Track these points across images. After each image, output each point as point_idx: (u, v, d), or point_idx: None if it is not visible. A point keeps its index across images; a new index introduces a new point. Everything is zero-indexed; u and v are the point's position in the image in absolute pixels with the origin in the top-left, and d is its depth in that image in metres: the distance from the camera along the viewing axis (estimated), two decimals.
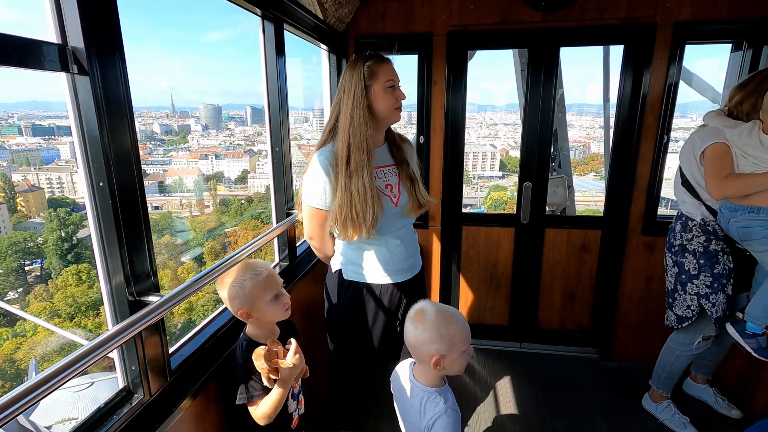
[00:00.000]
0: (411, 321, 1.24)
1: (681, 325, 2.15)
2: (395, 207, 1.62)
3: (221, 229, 30.20)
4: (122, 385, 1.13)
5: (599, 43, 2.77)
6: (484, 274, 3.02)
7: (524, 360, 2.95)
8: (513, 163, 38.51)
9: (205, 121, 43.83)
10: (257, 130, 42.69)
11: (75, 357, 0.85)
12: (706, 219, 2.02)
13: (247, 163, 36.32)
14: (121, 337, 0.94)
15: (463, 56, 2.71)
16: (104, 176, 0.99)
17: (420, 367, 1.30)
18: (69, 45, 0.92)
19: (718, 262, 2.00)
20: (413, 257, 1.75)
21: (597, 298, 2.90)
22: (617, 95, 2.64)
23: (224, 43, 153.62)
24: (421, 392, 1.28)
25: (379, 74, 1.52)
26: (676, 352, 2.23)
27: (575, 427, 2.33)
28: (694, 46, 2.51)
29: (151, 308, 1.03)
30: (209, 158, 35.92)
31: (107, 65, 0.97)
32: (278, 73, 1.91)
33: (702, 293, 2.04)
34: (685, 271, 2.08)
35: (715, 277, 2.00)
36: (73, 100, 0.95)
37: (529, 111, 2.75)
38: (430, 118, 2.79)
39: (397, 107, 1.57)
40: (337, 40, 2.65)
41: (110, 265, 1.04)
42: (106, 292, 1.07)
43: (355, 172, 1.50)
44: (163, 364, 1.18)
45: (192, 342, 1.39)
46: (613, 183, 2.74)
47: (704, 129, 1.99)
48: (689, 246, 2.06)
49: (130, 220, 1.05)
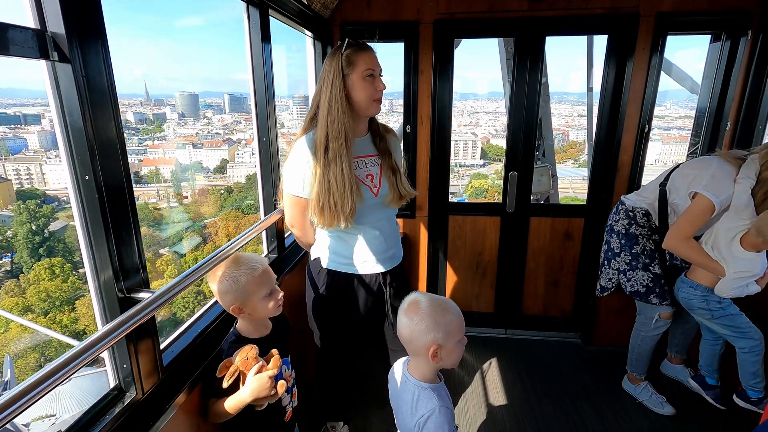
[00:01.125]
0: (405, 313, 1.22)
1: (602, 294, 2.40)
2: (375, 197, 1.60)
3: (202, 221, 29.65)
4: (113, 384, 1.10)
5: (584, 32, 2.80)
6: (471, 263, 3.05)
7: (510, 346, 3.01)
8: (494, 151, 38.84)
9: (181, 109, 42.62)
10: (236, 119, 41.78)
11: (65, 359, 0.81)
12: (634, 207, 2.21)
13: (226, 152, 35.56)
14: (113, 337, 0.91)
15: (449, 45, 2.70)
16: (89, 169, 0.94)
17: (414, 361, 1.27)
18: (48, 30, 0.87)
19: (638, 243, 2.20)
20: (393, 248, 1.72)
21: (579, 285, 2.97)
22: (601, 85, 2.68)
23: (200, 28, 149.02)
24: (413, 387, 1.25)
25: (358, 63, 1.48)
26: (641, 334, 2.34)
27: (560, 410, 2.40)
28: (675, 37, 2.54)
29: (143, 305, 1.00)
30: (186, 147, 35.02)
31: (89, 52, 0.92)
32: (264, 61, 1.86)
33: (621, 269, 2.26)
34: (610, 249, 2.31)
35: (634, 256, 2.21)
36: (54, 89, 0.91)
37: (515, 100, 2.76)
38: (417, 108, 2.77)
39: (375, 98, 1.53)
40: (322, 26, 2.60)
41: (98, 261, 1.01)
42: (94, 289, 1.03)
43: (333, 161, 1.48)
44: (155, 362, 1.16)
45: (183, 338, 1.37)
46: (595, 172, 2.79)
47: (726, 169, 1.91)
48: (615, 227, 2.27)
49: (117, 214, 1.01)
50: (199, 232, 28.76)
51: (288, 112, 41.36)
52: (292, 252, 2.19)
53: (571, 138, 37.35)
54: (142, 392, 1.12)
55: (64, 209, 32.70)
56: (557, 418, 2.34)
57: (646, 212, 2.19)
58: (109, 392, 1.09)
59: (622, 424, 2.28)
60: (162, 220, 29.18)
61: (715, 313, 2.08)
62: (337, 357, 1.89)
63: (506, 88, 3.66)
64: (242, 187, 33.15)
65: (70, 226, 30.36)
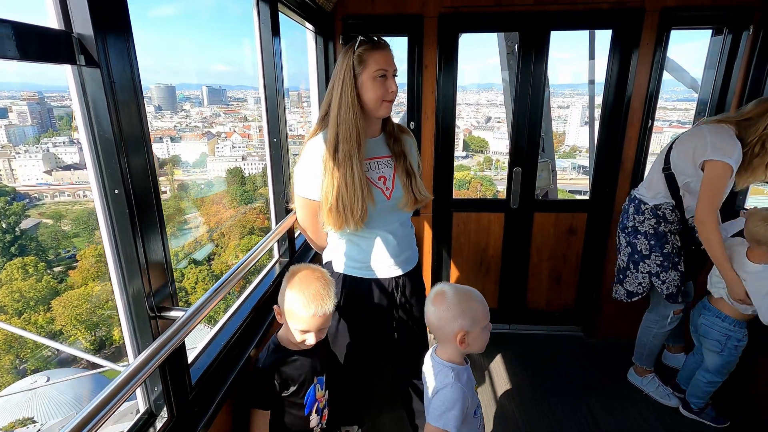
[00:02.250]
0: (432, 302, 1.27)
1: (630, 300, 2.32)
2: (387, 200, 1.55)
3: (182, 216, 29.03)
4: (144, 408, 1.04)
5: (589, 27, 2.79)
6: (475, 259, 3.04)
7: (514, 341, 3.03)
8: (476, 143, 39.11)
9: (157, 101, 41.41)
10: (215, 111, 40.87)
11: (103, 399, 0.74)
12: (659, 204, 2.13)
13: (206, 146, 34.79)
14: (150, 366, 0.85)
15: (454, 39, 2.65)
16: (119, 183, 0.88)
17: (442, 347, 1.31)
18: (74, 32, 0.79)
19: (668, 242, 2.15)
20: (407, 251, 1.65)
21: (582, 279, 3.00)
22: (605, 79, 2.68)
23: (176, 18, 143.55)
24: (438, 365, 1.30)
25: (369, 62, 1.42)
26: (653, 330, 2.35)
27: (567, 402, 2.42)
28: (674, 32, 2.56)
29: (177, 327, 0.94)
30: (164, 141, 34.11)
31: (118, 55, 0.85)
32: (274, 56, 1.78)
33: (653, 272, 2.19)
34: (637, 252, 2.22)
35: (665, 256, 2.16)
36: (80, 97, 0.83)
37: (519, 95, 2.74)
38: (421, 103, 2.73)
39: (386, 99, 1.46)
40: (324, 20, 2.51)
41: (127, 278, 0.94)
42: (123, 308, 0.97)
43: (343, 162, 1.43)
44: (184, 381, 1.10)
45: (208, 350, 1.31)
46: (599, 166, 2.81)
47: (720, 131, 1.92)
48: (641, 228, 2.19)
49: (147, 229, 0.94)
50: (179, 228, 28.20)
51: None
52: (303, 254, 2.13)
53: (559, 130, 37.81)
54: (173, 414, 1.06)
55: (36, 206, 31.55)
56: (565, 411, 2.36)
57: (673, 207, 2.12)
58: (140, 417, 1.02)
59: (629, 415, 2.32)
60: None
61: (728, 347, 2.07)
62: (350, 360, 1.86)
63: (506, 81, 3.64)
64: (222, 182, 32.59)
65: (42, 224, 29.34)
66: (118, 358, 19.01)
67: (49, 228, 29.18)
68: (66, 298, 21.61)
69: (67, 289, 22.85)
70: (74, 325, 21.16)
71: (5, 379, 18.63)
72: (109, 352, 21.00)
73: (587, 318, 3.04)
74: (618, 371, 2.64)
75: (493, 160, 40.30)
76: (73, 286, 22.89)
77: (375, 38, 1.47)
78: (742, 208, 2.63)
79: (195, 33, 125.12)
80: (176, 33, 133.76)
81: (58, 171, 34.01)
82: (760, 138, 1.87)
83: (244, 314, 1.53)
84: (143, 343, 0.98)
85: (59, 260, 26.41)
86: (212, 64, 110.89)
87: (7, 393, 12.74)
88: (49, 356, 20.42)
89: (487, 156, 40.86)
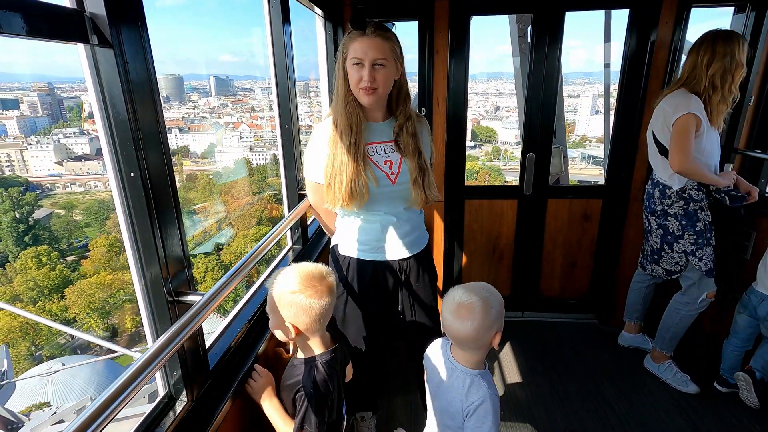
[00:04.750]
0: (461, 318, 1.19)
1: (670, 278, 2.36)
2: (392, 185, 1.56)
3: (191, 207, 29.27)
4: (163, 392, 1.04)
5: (605, 6, 2.71)
6: (487, 247, 3.02)
7: (527, 328, 3.01)
8: (484, 133, 38.74)
9: (165, 92, 41.53)
10: (222, 102, 40.88)
11: (123, 382, 0.73)
12: (683, 187, 2.15)
13: (214, 136, 34.89)
14: (169, 350, 0.83)
15: (466, 23, 2.59)
16: (135, 166, 0.87)
17: (469, 352, 1.26)
18: (87, 11, 0.78)
19: (699, 219, 2.17)
20: (413, 234, 1.67)
21: (597, 266, 2.97)
22: (621, 61, 2.61)
23: (182, 8, 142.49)
24: (464, 375, 1.26)
25: (349, 50, 1.44)
26: (681, 313, 2.32)
27: (583, 390, 2.41)
28: (696, 11, 2.47)
29: (195, 311, 0.93)
30: (173, 132, 34.25)
31: (131, 35, 0.83)
32: (284, 44, 1.75)
33: (689, 250, 2.21)
34: (670, 233, 2.25)
35: (699, 234, 2.17)
36: (94, 77, 0.82)
37: (533, 80, 2.68)
38: (432, 89, 2.69)
39: (361, 87, 1.44)
40: (333, 4, 2.47)
41: (145, 262, 0.94)
42: (142, 293, 0.96)
43: (339, 144, 1.50)
44: (202, 364, 1.10)
45: (226, 334, 1.31)
46: (615, 151, 2.75)
47: (673, 96, 2.08)
48: (670, 210, 2.22)
49: (163, 212, 0.94)
50: (189, 219, 28.46)
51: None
52: (316, 242, 2.13)
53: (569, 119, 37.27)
54: (192, 398, 1.06)
55: (48, 197, 32.01)
56: (581, 399, 2.35)
57: (698, 185, 2.14)
58: (160, 400, 1.03)
59: (646, 403, 2.30)
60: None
61: None
62: (359, 344, 1.86)
63: (517, 68, 3.56)
64: (231, 172, 32.74)
65: (55, 214, 29.79)
66: (131, 346, 19.40)
67: (62, 218, 29.64)
68: (79, 286, 22.03)
69: (80, 278, 23.27)
70: (87, 313, 21.60)
71: (22, 365, 19.12)
72: (121, 340, 21.42)
73: (602, 305, 3.01)
74: (633, 358, 2.62)
75: (501, 150, 39.91)
76: (86, 275, 23.30)
77: (366, 25, 1.44)
78: (765, 192, 2.57)
79: (202, 23, 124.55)
80: (184, 23, 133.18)
81: (69, 162, 34.40)
82: (708, 83, 2.02)
83: (258, 302, 1.53)
84: (162, 327, 0.98)
85: (72, 250, 26.86)
86: (220, 54, 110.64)
87: (25, 377, 13.07)
88: (63, 343, 20.90)
89: (496, 146, 40.45)
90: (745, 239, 2.51)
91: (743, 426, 2.14)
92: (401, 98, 1.55)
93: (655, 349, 2.47)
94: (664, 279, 2.40)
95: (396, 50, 1.46)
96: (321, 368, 1.16)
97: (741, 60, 2.00)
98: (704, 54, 2.01)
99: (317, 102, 2.71)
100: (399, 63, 1.49)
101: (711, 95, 2.05)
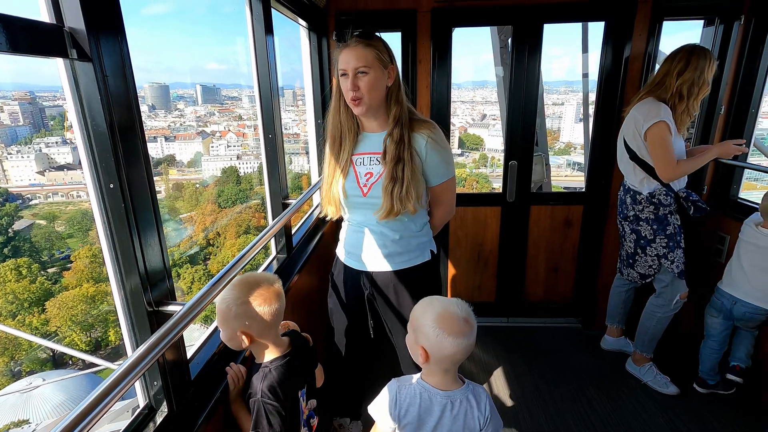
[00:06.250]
0: (462, 335, 1.11)
1: (644, 282, 2.44)
2: (362, 197, 1.58)
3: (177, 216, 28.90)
4: (143, 403, 1.04)
5: (582, 19, 2.79)
6: (472, 254, 3.05)
7: (512, 334, 3.04)
8: (471, 140, 39.11)
9: (151, 101, 41.09)
10: (209, 110, 40.62)
11: (100, 394, 0.72)
12: (653, 192, 2.23)
13: (201, 145, 34.58)
14: (149, 360, 0.82)
15: (448, 34, 2.65)
16: (115, 177, 0.87)
17: (446, 376, 1.19)
18: (66, 25, 0.79)
19: (669, 223, 2.25)
20: (385, 250, 1.60)
21: (579, 271, 3.02)
22: (598, 72, 2.69)
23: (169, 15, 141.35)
24: (463, 397, 1.19)
25: (336, 62, 1.49)
26: (658, 315, 2.39)
27: (568, 393, 2.44)
28: (668, 23, 2.56)
29: (175, 321, 0.93)
30: (158, 140, 33.87)
31: (110, 49, 0.84)
32: (267, 54, 1.77)
33: (661, 254, 2.29)
34: (642, 237, 2.33)
35: (669, 237, 2.26)
36: (74, 91, 0.83)
37: (513, 89, 2.74)
38: (416, 98, 2.73)
39: (349, 98, 1.45)
40: (317, 16, 2.50)
41: (125, 272, 0.94)
42: (121, 302, 0.96)
43: (328, 155, 1.63)
44: (183, 375, 1.10)
45: (208, 344, 1.31)
46: (594, 159, 2.82)
47: (643, 104, 2.16)
48: (641, 215, 2.30)
49: (143, 222, 0.94)
50: (175, 228, 28.07)
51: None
52: (301, 250, 2.13)
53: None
54: (173, 408, 1.06)
55: (29, 207, 31.28)
56: (565, 401, 2.38)
57: (666, 191, 2.21)
58: (140, 411, 1.02)
59: (628, 405, 2.34)
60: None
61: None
62: (344, 349, 1.86)
63: (500, 75, 3.64)
64: (218, 181, 32.43)
65: (36, 225, 29.11)
66: (115, 359, 18.93)
67: (43, 229, 28.96)
68: (60, 299, 21.48)
69: (62, 290, 22.71)
70: (69, 326, 21.05)
71: (0, 382, 18.51)
72: (105, 353, 20.91)
73: (585, 309, 3.06)
74: (616, 361, 2.66)
75: (488, 158, 40.32)
76: (68, 287, 22.75)
77: (349, 36, 1.49)
78: (737, 197, 2.66)
79: (189, 30, 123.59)
80: (169, 31, 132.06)
81: (51, 171, 33.71)
82: (675, 92, 2.12)
83: None
84: (142, 338, 0.98)
85: (53, 261, 26.23)
86: (206, 62, 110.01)
87: (3, 393, 12.66)
88: (44, 357, 20.31)
89: (483, 153, 40.85)
90: (719, 243, 2.59)
91: (722, 426, 2.19)
92: (391, 104, 1.50)
93: (636, 351, 2.52)
94: (639, 282, 2.46)
95: (381, 56, 1.44)
96: (272, 373, 1.16)
97: (708, 78, 2.10)
98: (678, 63, 2.10)
99: (305, 110, 2.73)
100: (388, 69, 1.47)
101: (677, 103, 2.14)
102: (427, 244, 1.67)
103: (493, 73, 3.84)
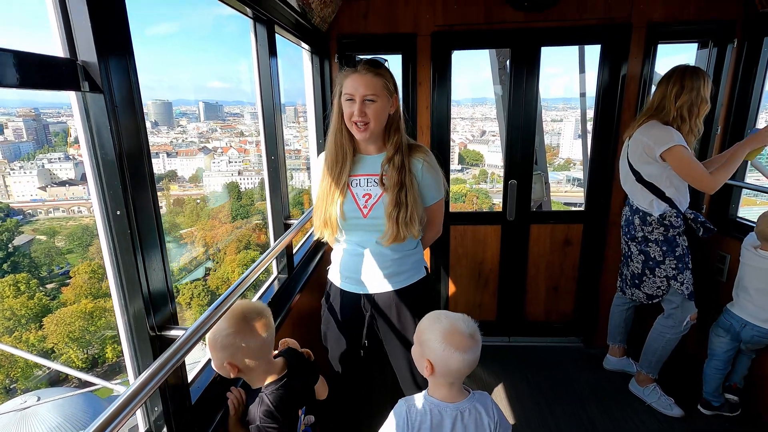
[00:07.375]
0: (468, 351, 1.14)
1: (651, 302, 2.40)
2: (363, 218, 1.58)
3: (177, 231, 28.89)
4: (144, 429, 1.04)
5: (578, 42, 2.85)
6: (473, 272, 3.05)
7: (514, 353, 3.02)
8: (471, 156, 39.35)
9: (154, 117, 41.53)
10: (211, 127, 41.00)
11: (103, 421, 0.72)
12: (663, 213, 2.22)
13: (202, 161, 34.81)
14: (151, 386, 0.84)
15: (447, 56, 2.70)
16: (122, 203, 0.89)
17: (452, 389, 1.21)
18: (79, 59, 0.82)
19: (678, 245, 2.24)
20: (384, 271, 1.62)
21: (580, 289, 3.02)
22: (595, 93, 2.74)
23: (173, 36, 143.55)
24: (471, 406, 1.22)
25: (342, 87, 1.50)
26: (667, 336, 2.36)
27: (571, 413, 2.42)
28: (663, 46, 2.62)
29: (177, 346, 0.94)
30: (161, 156, 34.10)
31: (121, 80, 0.87)
32: (271, 77, 1.81)
33: (671, 275, 2.26)
34: (651, 258, 2.30)
35: (678, 258, 2.24)
36: (84, 122, 0.85)
37: (512, 109, 2.79)
38: (416, 119, 2.77)
39: (353, 121, 1.48)
40: (319, 39, 2.56)
41: (128, 297, 0.95)
42: (124, 327, 0.97)
43: (325, 175, 1.60)
44: (184, 399, 1.10)
45: (209, 368, 1.31)
46: (593, 178, 2.85)
47: (649, 127, 2.15)
48: (651, 236, 2.28)
49: (148, 247, 0.96)
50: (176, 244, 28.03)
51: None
52: (302, 270, 2.14)
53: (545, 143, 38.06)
54: None
55: (30, 222, 31.31)
56: (566, 420, 2.36)
57: (677, 212, 2.21)
58: None
59: (631, 426, 2.31)
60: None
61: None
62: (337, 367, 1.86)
63: (498, 94, 3.70)
64: (219, 196, 32.55)
65: (36, 240, 29.09)
66: (112, 377, 18.71)
67: (43, 244, 28.92)
68: (58, 315, 21.32)
69: (60, 306, 22.56)
70: (66, 342, 20.85)
71: None
72: (101, 371, 20.65)
73: (586, 328, 3.04)
74: (619, 381, 2.64)
75: (488, 173, 40.53)
76: (66, 303, 22.60)
77: (359, 61, 1.52)
78: (736, 216, 2.67)
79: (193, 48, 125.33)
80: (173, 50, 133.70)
81: (53, 187, 33.83)
82: (677, 113, 2.12)
83: None
84: (144, 362, 0.98)
85: (52, 277, 26.11)
86: (209, 80, 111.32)
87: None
88: (39, 375, 20.06)
89: (483, 169, 41.07)
90: (720, 262, 2.60)
91: None
92: (392, 131, 1.56)
93: (640, 372, 2.50)
94: (644, 303, 2.45)
95: (388, 86, 1.50)
96: (266, 399, 1.16)
97: (705, 96, 2.11)
98: (673, 86, 2.12)
99: (306, 127, 2.78)
100: (392, 97, 1.53)
101: (680, 125, 2.14)
102: (422, 261, 1.74)
103: (492, 90, 3.91)
